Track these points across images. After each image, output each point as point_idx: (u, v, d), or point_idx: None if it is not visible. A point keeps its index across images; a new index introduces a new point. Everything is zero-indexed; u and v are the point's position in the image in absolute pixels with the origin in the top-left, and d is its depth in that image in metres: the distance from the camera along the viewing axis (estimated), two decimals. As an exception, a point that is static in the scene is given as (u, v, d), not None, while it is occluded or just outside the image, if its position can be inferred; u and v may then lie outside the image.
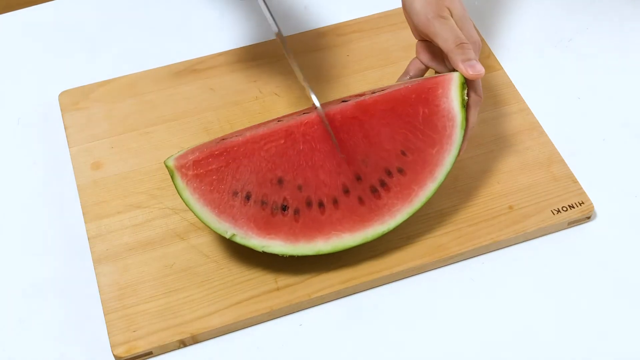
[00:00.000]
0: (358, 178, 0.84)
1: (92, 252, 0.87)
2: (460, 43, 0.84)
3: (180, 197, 0.82)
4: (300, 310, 0.84)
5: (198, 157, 0.81)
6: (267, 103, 0.99)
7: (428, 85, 0.85)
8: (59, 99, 0.99)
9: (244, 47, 1.05)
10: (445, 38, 0.85)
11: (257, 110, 0.98)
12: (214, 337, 0.83)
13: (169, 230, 0.88)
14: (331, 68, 1.02)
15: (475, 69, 0.84)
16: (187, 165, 0.81)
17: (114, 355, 0.80)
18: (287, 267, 0.85)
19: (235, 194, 0.81)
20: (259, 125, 0.87)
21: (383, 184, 0.84)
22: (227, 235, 0.81)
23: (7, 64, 1.06)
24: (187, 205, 0.82)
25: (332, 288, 0.84)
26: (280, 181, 0.82)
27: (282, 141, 0.82)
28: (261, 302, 0.83)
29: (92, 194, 0.91)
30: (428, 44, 0.90)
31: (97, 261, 0.86)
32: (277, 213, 0.82)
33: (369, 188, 0.84)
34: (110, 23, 1.10)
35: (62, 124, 0.97)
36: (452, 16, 0.86)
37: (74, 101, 0.99)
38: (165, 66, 1.03)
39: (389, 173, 0.84)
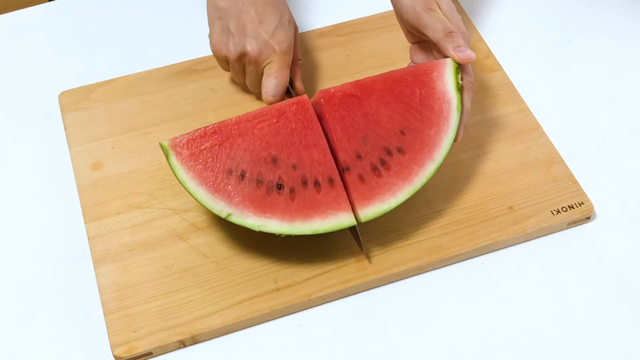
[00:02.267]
0: (358, 156, 0.84)
1: (92, 252, 0.87)
2: (449, 32, 0.86)
3: (175, 176, 0.82)
4: (300, 310, 0.84)
5: (192, 136, 0.82)
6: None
7: (423, 68, 0.86)
8: (59, 99, 0.99)
9: (244, 47, 1.05)
10: (434, 28, 0.86)
11: (257, 111, 0.98)
12: (214, 338, 0.83)
13: (169, 231, 0.88)
14: (331, 68, 1.02)
15: (466, 54, 0.85)
16: (181, 144, 0.82)
17: (114, 355, 0.80)
18: (287, 267, 0.85)
19: (229, 172, 0.82)
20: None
21: (383, 162, 0.84)
22: (223, 215, 0.81)
23: (7, 64, 1.06)
24: (182, 184, 0.82)
25: (332, 288, 0.84)
26: (274, 160, 0.82)
27: (275, 120, 0.83)
28: (261, 302, 0.83)
29: (92, 194, 0.91)
30: (420, 44, 0.91)
31: (97, 261, 0.86)
32: (272, 192, 0.82)
33: (370, 166, 0.84)
34: (110, 23, 1.10)
35: (62, 124, 0.97)
36: (439, 9, 0.88)
37: (74, 101, 0.99)
38: (165, 66, 1.03)
39: (389, 152, 0.84)
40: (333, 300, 0.85)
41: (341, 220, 0.82)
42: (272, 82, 0.92)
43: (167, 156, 0.82)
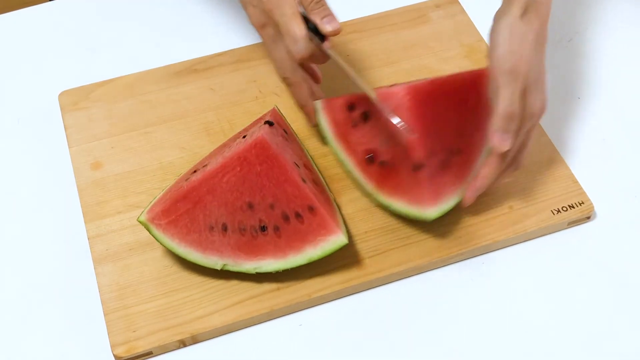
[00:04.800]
0: (430, 154, 0.85)
1: (92, 252, 0.87)
2: (510, 113, 0.80)
3: (163, 246, 0.83)
4: (300, 310, 0.84)
5: (165, 206, 0.83)
6: (267, 103, 0.99)
7: (479, 74, 0.86)
8: (59, 99, 0.99)
9: (244, 47, 1.05)
10: (503, 97, 0.80)
11: (257, 110, 0.98)
12: (214, 337, 0.83)
13: (169, 230, 0.88)
14: (331, 68, 1.02)
15: (502, 144, 0.81)
16: (158, 216, 0.83)
17: (114, 355, 0.80)
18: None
19: (211, 228, 0.83)
20: (223, 146, 0.89)
21: (447, 162, 0.86)
22: (218, 267, 0.83)
23: (7, 64, 1.06)
24: (171, 251, 0.83)
25: (332, 288, 0.84)
26: (250, 206, 0.83)
27: (239, 169, 0.83)
28: (261, 302, 0.83)
29: (92, 194, 0.91)
30: None
31: (97, 261, 0.86)
32: (257, 235, 0.82)
33: (439, 164, 0.86)
34: (110, 23, 1.10)
35: (62, 124, 0.97)
36: (527, 78, 0.81)
37: (74, 101, 0.99)
38: (165, 66, 1.03)
39: (451, 152, 0.87)
40: (333, 300, 0.85)
41: (332, 243, 0.82)
42: (287, 42, 0.86)
43: (148, 230, 0.83)
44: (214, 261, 0.83)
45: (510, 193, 0.91)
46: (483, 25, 1.08)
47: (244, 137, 0.88)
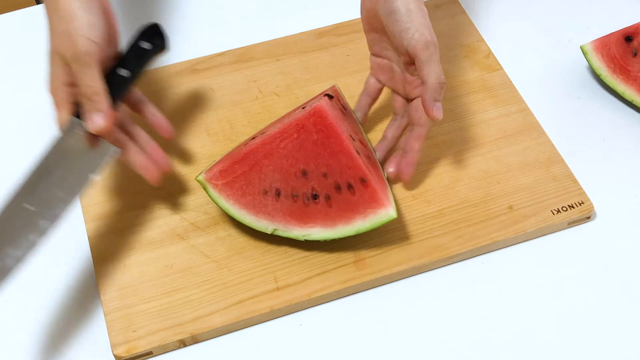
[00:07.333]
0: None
1: (92, 252, 0.87)
2: (442, 82, 0.83)
3: (218, 205, 0.85)
4: (300, 310, 0.84)
5: (223, 167, 0.85)
6: (267, 103, 0.99)
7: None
8: (59, 99, 0.99)
9: (244, 47, 1.05)
10: (434, 69, 0.83)
11: (257, 110, 0.98)
12: (214, 337, 0.83)
13: (169, 230, 0.88)
14: (331, 68, 1.02)
15: (439, 114, 0.83)
16: (215, 176, 0.84)
17: (114, 355, 0.81)
18: (287, 267, 0.85)
19: (265, 192, 0.84)
20: (283, 117, 0.90)
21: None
22: (269, 231, 0.84)
23: (8, 64, 1.06)
24: (225, 212, 0.85)
25: (332, 288, 0.84)
26: (304, 173, 0.84)
27: (296, 135, 0.84)
28: (261, 302, 0.83)
29: (92, 194, 0.91)
30: (387, 64, 0.90)
31: (97, 261, 0.86)
32: (309, 203, 0.84)
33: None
34: (110, 23, 1.09)
35: (62, 124, 0.97)
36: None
37: (74, 101, 0.99)
38: (165, 66, 1.03)
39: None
40: (333, 300, 0.85)
41: (381, 216, 0.83)
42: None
43: (205, 189, 0.85)
44: (265, 225, 0.84)
45: (510, 193, 0.91)
46: (483, 25, 1.08)
47: (304, 108, 0.89)
